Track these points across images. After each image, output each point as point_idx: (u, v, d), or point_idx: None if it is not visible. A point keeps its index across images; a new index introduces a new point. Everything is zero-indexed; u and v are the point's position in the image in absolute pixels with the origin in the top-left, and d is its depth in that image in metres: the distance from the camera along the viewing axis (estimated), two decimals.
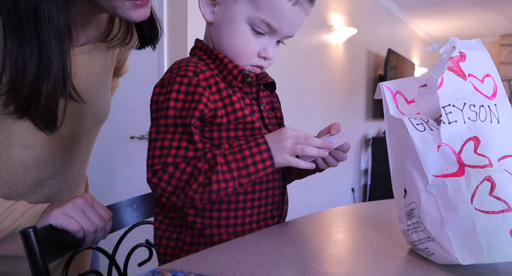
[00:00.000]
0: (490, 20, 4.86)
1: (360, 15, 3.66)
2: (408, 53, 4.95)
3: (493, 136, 0.56)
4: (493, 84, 0.61)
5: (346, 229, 0.73)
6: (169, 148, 0.62)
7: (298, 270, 0.51)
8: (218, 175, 0.61)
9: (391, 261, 0.55)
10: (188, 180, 0.61)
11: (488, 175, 0.51)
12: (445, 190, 0.52)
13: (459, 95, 0.57)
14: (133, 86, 2.19)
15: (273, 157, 0.64)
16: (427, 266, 0.53)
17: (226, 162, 0.62)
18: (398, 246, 0.61)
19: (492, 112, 0.58)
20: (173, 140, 0.62)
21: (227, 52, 0.70)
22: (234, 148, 0.64)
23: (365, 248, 0.62)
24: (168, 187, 0.61)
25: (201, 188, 0.60)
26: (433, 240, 0.52)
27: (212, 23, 0.70)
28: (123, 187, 2.27)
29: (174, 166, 0.61)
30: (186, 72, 0.65)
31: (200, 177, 0.60)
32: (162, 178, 0.61)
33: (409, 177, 0.56)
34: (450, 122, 0.55)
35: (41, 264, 0.60)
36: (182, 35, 1.96)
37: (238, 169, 0.62)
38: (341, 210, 0.88)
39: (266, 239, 0.63)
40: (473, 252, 0.49)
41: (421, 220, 0.54)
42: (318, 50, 3.08)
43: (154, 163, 0.62)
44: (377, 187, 3.81)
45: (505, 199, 0.50)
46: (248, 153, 0.63)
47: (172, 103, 0.63)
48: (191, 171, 0.61)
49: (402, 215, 0.60)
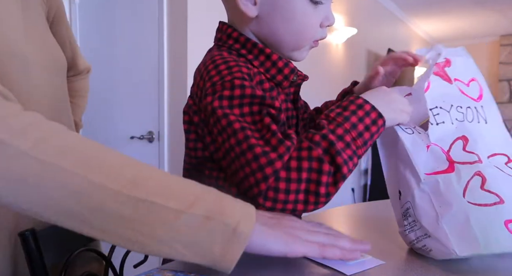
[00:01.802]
0: (490, 20, 4.86)
1: (360, 15, 3.66)
2: None
3: (482, 135, 0.57)
4: (478, 88, 0.62)
5: (346, 229, 0.73)
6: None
7: (298, 270, 0.51)
8: (342, 155, 0.51)
9: (391, 261, 0.55)
10: (309, 176, 0.50)
11: (478, 170, 0.53)
12: (438, 187, 0.53)
13: (446, 98, 0.59)
14: (133, 86, 2.19)
15: (382, 114, 0.55)
16: (427, 266, 0.53)
17: (338, 137, 0.52)
18: (397, 246, 0.61)
19: (479, 113, 0.60)
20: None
21: (286, 42, 0.63)
22: (336, 119, 0.54)
23: None
24: (289, 197, 0.50)
25: (332, 178, 0.51)
26: (430, 236, 0.53)
27: (257, 17, 0.62)
28: None
29: (284, 169, 0.50)
30: (242, 75, 0.56)
31: (325, 165, 0.51)
32: (278, 189, 0.50)
33: (403, 178, 0.57)
34: (438, 123, 0.57)
35: (40, 267, 0.60)
36: (182, 35, 1.96)
37: (353, 140, 0.53)
38: (341, 210, 0.88)
39: None
40: (470, 244, 0.49)
41: (416, 218, 0.55)
42: (318, 50, 3.08)
43: (258, 180, 0.50)
44: (377, 187, 3.81)
45: (496, 192, 0.51)
46: (355, 120, 0.54)
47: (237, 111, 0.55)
48: (308, 165, 0.50)
49: (399, 217, 0.60)
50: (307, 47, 0.66)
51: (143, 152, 2.16)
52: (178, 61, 2.00)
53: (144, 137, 2.13)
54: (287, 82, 0.64)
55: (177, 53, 2.00)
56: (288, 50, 0.65)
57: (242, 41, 0.63)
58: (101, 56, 2.30)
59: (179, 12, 1.97)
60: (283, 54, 0.65)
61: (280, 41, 0.63)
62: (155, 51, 2.07)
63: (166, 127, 2.06)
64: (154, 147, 2.12)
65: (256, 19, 0.62)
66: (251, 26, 0.64)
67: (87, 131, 2.41)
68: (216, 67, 0.58)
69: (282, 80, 0.64)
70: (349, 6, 3.47)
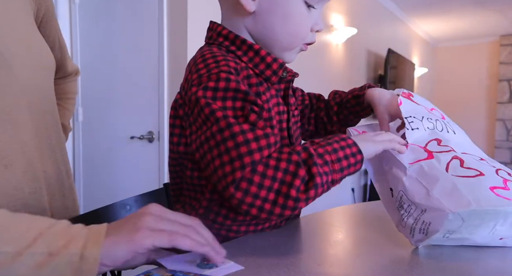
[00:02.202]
0: (490, 20, 4.86)
1: (360, 15, 3.66)
2: (408, 53, 4.95)
3: (453, 140, 0.66)
4: (440, 113, 0.73)
5: (346, 229, 0.73)
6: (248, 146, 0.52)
7: (298, 270, 0.51)
8: (318, 168, 0.53)
9: (391, 261, 0.55)
10: (284, 178, 0.51)
11: (455, 155, 0.61)
12: (422, 169, 0.59)
13: (417, 112, 0.68)
14: (133, 86, 2.19)
15: (362, 151, 0.58)
16: (427, 266, 0.53)
17: (319, 154, 0.54)
18: (398, 246, 0.61)
19: (448, 126, 0.69)
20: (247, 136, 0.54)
21: (280, 40, 0.64)
22: (319, 143, 0.57)
23: (365, 248, 0.62)
24: (261, 192, 0.51)
25: (304, 186, 0.52)
26: (426, 210, 0.56)
27: (254, 13, 0.63)
28: (123, 187, 2.27)
29: (263, 164, 0.52)
30: (229, 69, 0.58)
31: (301, 170, 0.52)
32: (252, 181, 0.51)
33: (390, 175, 0.63)
34: (413, 129, 0.65)
35: None
36: (182, 35, 1.96)
37: (331, 162, 0.55)
38: (341, 210, 0.88)
39: (266, 239, 0.63)
40: (461, 202, 0.53)
41: (410, 200, 0.59)
42: (318, 50, 3.08)
43: (235, 168, 0.51)
44: None
45: (476, 168, 0.58)
46: (337, 146, 0.56)
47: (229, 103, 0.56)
48: (285, 166, 0.52)
49: (395, 214, 0.63)
50: (297, 49, 0.68)
51: (143, 152, 2.16)
52: (178, 61, 2.00)
53: (144, 137, 2.13)
54: (276, 78, 0.65)
55: (177, 53, 2.00)
56: (280, 50, 0.66)
57: (232, 38, 0.64)
58: (101, 56, 2.30)
59: (179, 12, 1.97)
60: (274, 53, 0.67)
61: (275, 40, 0.65)
62: (155, 51, 2.07)
63: (166, 127, 2.06)
64: (154, 147, 2.12)
65: (253, 14, 0.64)
66: (246, 22, 0.65)
67: (87, 131, 2.41)
68: (205, 61, 0.59)
69: (270, 75, 0.65)
70: (349, 6, 3.47)
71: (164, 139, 2.07)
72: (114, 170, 2.31)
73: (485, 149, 5.93)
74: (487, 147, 5.88)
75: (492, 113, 5.79)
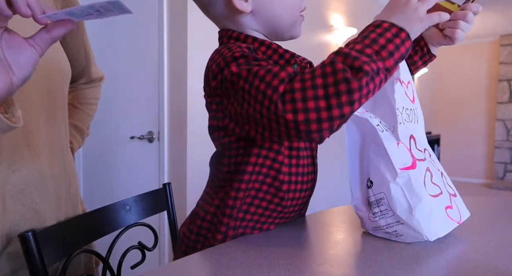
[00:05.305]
0: (490, 20, 4.86)
1: (360, 15, 3.66)
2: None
3: (418, 133, 0.69)
4: (412, 90, 0.71)
5: (346, 229, 0.73)
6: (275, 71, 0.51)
7: (298, 270, 0.51)
8: (360, 58, 0.48)
9: (391, 261, 0.55)
10: (325, 82, 0.47)
11: (427, 166, 0.65)
12: (410, 182, 0.61)
13: (401, 100, 0.67)
14: (133, 86, 2.19)
15: (404, 28, 0.53)
16: (427, 266, 0.53)
17: (357, 51, 0.49)
18: (397, 246, 0.61)
19: (415, 114, 0.70)
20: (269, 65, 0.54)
21: (283, 19, 0.67)
22: (355, 40, 0.53)
23: (365, 248, 0.62)
24: (309, 103, 0.47)
25: (350, 73, 0.47)
26: (403, 224, 0.61)
27: (251, 11, 0.66)
28: (123, 187, 2.27)
29: (300, 78, 0.49)
30: (242, 49, 0.59)
31: (340, 74, 0.47)
32: (296, 89, 0.48)
33: (376, 170, 0.64)
34: (400, 123, 0.66)
35: (40, 268, 0.60)
36: (182, 35, 1.96)
37: (375, 52, 0.50)
38: (341, 210, 0.88)
39: (266, 239, 0.63)
40: (436, 232, 0.61)
41: (390, 207, 0.62)
42: (318, 50, 3.08)
43: (275, 85, 0.49)
44: None
45: (438, 184, 0.64)
46: (374, 36, 0.52)
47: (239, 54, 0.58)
48: (321, 71, 0.48)
49: (363, 203, 0.68)
50: (299, 20, 0.71)
51: (143, 152, 2.16)
52: (178, 61, 2.00)
53: (144, 137, 2.13)
54: (289, 67, 0.67)
55: (177, 53, 2.00)
56: (287, 28, 0.70)
57: (243, 38, 0.67)
58: (101, 56, 2.30)
59: (179, 12, 1.97)
60: (283, 34, 0.70)
61: (280, 21, 0.68)
62: (155, 51, 2.07)
63: (166, 127, 2.06)
64: (154, 147, 2.12)
65: (251, 13, 0.66)
66: (248, 22, 0.68)
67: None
68: (221, 55, 0.61)
69: (284, 65, 0.67)
70: (349, 6, 3.47)
71: (164, 139, 2.07)
72: (114, 170, 2.31)
73: (485, 149, 5.93)
74: (487, 147, 5.88)
75: (492, 113, 5.80)
